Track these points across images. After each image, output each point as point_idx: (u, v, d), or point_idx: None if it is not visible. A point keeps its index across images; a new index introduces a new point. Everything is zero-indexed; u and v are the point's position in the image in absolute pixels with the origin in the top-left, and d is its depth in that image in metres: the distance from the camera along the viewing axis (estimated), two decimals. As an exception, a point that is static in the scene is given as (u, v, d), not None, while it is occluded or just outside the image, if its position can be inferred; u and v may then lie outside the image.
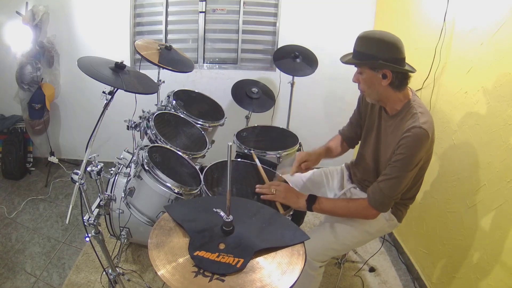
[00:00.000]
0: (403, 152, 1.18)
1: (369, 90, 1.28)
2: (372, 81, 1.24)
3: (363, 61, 1.22)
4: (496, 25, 1.42)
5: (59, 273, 1.94)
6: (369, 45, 1.21)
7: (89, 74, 1.20)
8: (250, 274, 0.76)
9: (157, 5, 2.71)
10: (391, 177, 1.23)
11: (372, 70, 1.22)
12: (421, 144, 1.17)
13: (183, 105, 2.04)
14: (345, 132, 1.65)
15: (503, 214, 1.37)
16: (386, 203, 1.28)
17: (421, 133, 1.15)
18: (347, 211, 1.37)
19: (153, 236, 0.85)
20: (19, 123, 2.88)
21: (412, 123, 1.18)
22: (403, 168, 1.20)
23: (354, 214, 1.38)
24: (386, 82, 1.22)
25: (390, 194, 1.24)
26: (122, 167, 1.76)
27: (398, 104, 1.28)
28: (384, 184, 1.24)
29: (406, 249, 2.15)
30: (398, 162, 1.20)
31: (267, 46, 2.85)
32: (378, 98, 1.30)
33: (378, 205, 1.28)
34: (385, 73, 1.20)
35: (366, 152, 1.49)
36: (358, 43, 1.24)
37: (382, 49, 1.18)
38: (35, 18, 2.52)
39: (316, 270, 1.41)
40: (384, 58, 1.17)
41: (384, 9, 2.58)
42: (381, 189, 1.25)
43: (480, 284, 1.47)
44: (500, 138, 1.38)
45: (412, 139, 1.16)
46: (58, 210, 2.49)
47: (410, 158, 1.18)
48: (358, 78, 1.29)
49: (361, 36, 1.24)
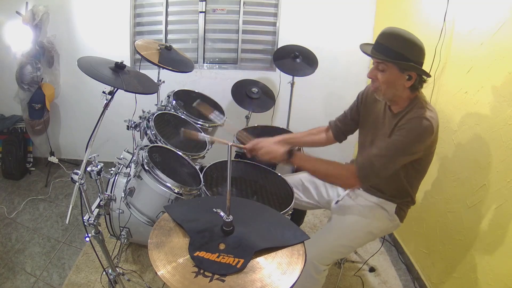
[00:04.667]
0: (403, 134, 1.18)
1: (387, 89, 1.24)
2: (395, 81, 1.21)
3: (396, 60, 1.17)
4: (496, 25, 1.42)
5: (59, 273, 1.94)
6: (399, 43, 1.16)
7: (89, 74, 1.20)
8: (250, 274, 0.76)
9: (157, 5, 2.71)
10: (385, 154, 1.20)
11: (399, 70, 1.19)
12: (423, 134, 1.16)
13: (183, 105, 2.04)
14: (336, 123, 1.60)
15: (503, 214, 1.37)
16: (371, 177, 1.24)
17: (426, 124, 1.15)
18: (327, 173, 1.32)
19: (153, 236, 0.85)
20: (19, 123, 2.88)
21: (418, 113, 1.17)
22: (399, 151, 1.19)
23: (333, 178, 1.33)
24: (409, 84, 1.20)
25: (379, 171, 1.21)
26: (122, 167, 1.76)
27: (406, 102, 1.27)
28: (376, 158, 1.21)
29: (406, 249, 2.15)
30: (396, 142, 1.19)
31: (267, 46, 2.85)
32: (392, 98, 1.28)
33: (364, 176, 1.23)
34: (411, 75, 1.19)
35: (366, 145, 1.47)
36: (387, 38, 1.19)
37: (413, 51, 1.16)
38: (35, 18, 2.52)
39: (320, 274, 1.40)
40: (415, 61, 1.16)
41: (384, 9, 2.58)
42: (373, 162, 1.21)
43: (480, 284, 1.47)
44: (500, 138, 1.38)
45: (416, 126, 1.16)
46: (58, 210, 2.49)
47: (409, 143, 1.17)
48: (376, 75, 1.24)
49: (389, 31, 1.19)
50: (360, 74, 2.81)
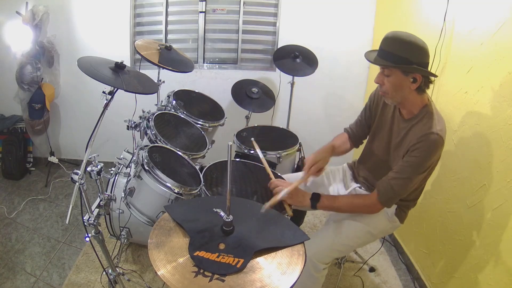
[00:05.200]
0: (418, 155, 1.21)
1: (394, 93, 1.26)
2: (401, 85, 1.23)
3: (398, 65, 1.19)
4: (496, 25, 1.42)
5: (59, 273, 1.94)
6: (402, 47, 1.18)
7: (89, 74, 1.20)
8: (250, 274, 0.76)
9: (157, 5, 2.71)
10: (403, 176, 1.26)
11: (403, 74, 1.21)
12: (436, 150, 1.21)
13: (183, 105, 2.04)
14: (353, 130, 1.62)
15: (503, 214, 1.37)
16: (394, 199, 1.32)
17: (437, 140, 1.19)
18: (352, 207, 1.39)
19: (153, 236, 0.85)
20: (19, 123, 2.88)
21: (429, 128, 1.20)
22: (415, 170, 1.24)
23: (358, 209, 1.40)
24: (414, 86, 1.22)
25: (399, 192, 1.29)
26: (122, 167, 1.76)
27: (415, 107, 1.29)
28: (395, 181, 1.27)
29: (406, 249, 2.15)
30: (412, 164, 1.23)
31: (267, 46, 2.85)
32: (400, 101, 1.30)
33: (386, 201, 1.32)
34: (415, 77, 1.20)
35: (376, 149, 1.49)
36: (389, 43, 1.21)
37: (416, 53, 1.17)
38: (35, 18, 2.52)
39: (319, 272, 1.41)
40: (417, 63, 1.17)
41: (384, 9, 2.58)
42: (392, 186, 1.27)
43: (480, 284, 1.47)
44: (500, 138, 1.38)
45: (429, 144, 1.19)
46: (58, 210, 2.49)
47: (423, 161, 1.22)
48: (383, 80, 1.27)
49: (392, 36, 1.20)
50: (360, 74, 2.82)
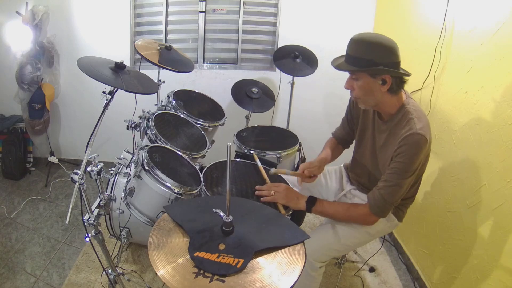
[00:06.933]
0: (402, 160, 1.17)
1: (365, 97, 1.23)
2: (370, 88, 1.19)
3: (363, 68, 1.15)
4: (496, 25, 1.42)
5: (59, 273, 1.94)
6: (366, 49, 1.14)
7: (89, 74, 1.20)
8: (250, 275, 0.76)
9: (157, 5, 2.71)
10: (392, 184, 1.21)
11: (370, 77, 1.17)
12: (420, 150, 1.15)
13: (183, 105, 2.04)
14: (338, 133, 1.64)
15: (503, 214, 1.37)
16: (387, 209, 1.28)
17: (420, 139, 1.13)
18: (347, 216, 1.36)
19: (153, 237, 0.85)
20: (19, 123, 2.88)
21: (409, 130, 1.15)
22: (403, 175, 1.19)
23: (353, 219, 1.37)
24: (385, 88, 1.18)
25: (391, 201, 1.24)
26: (122, 167, 1.76)
27: (392, 108, 1.26)
28: (384, 190, 1.23)
29: (406, 249, 2.15)
30: (398, 170, 1.19)
31: (267, 46, 2.85)
32: (374, 104, 1.27)
33: (379, 212, 1.28)
34: (384, 79, 1.16)
35: (362, 156, 1.48)
36: (354, 47, 1.17)
37: (381, 54, 1.13)
38: (35, 18, 2.52)
39: (316, 271, 1.41)
40: (384, 64, 1.13)
41: (384, 9, 2.58)
42: (382, 195, 1.24)
43: (480, 284, 1.47)
44: (500, 138, 1.38)
45: (411, 146, 1.14)
46: (58, 210, 2.49)
47: (409, 165, 1.17)
48: (352, 85, 1.23)
49: (356, 39, 1.16)
50: (360, 74, 2.82)
